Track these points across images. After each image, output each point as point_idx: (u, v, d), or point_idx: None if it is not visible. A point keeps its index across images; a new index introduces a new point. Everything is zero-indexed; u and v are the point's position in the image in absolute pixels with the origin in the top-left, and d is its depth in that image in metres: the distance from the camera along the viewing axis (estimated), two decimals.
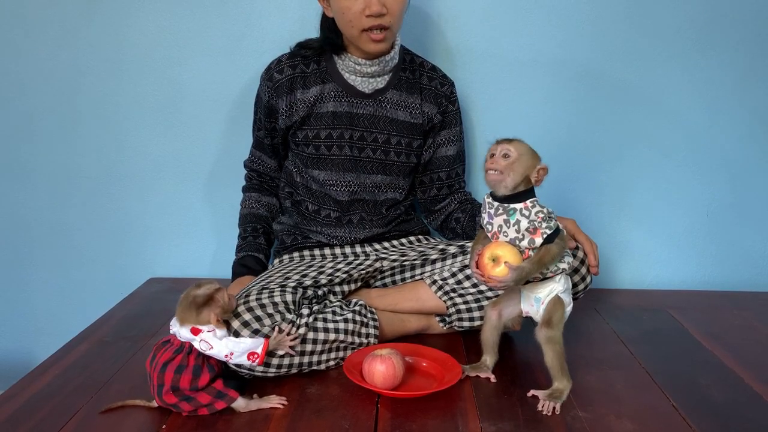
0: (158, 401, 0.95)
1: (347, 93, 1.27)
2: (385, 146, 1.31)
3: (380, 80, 1.29)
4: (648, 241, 1.58)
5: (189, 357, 0.95)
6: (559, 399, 0.97)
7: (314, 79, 1.27)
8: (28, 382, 1.07)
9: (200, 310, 0.95)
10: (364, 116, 1.29)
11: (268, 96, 1.29)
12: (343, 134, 1.28)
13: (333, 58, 1.27)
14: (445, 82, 1.35)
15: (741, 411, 0.98)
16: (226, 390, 0.96)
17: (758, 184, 1.55)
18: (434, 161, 1.37)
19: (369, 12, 1.14)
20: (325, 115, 1.27)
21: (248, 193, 1.42)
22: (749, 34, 1.46)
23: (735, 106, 1.50)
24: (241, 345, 0.97)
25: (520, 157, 0.95)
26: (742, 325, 1.33)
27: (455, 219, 1.38)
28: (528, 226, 0.94)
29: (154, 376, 0.94)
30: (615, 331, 1.29)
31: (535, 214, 0.94)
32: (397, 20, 1.19)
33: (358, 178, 1.31)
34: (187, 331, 0.94)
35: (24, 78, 1.54)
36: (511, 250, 0.94)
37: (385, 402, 0.99)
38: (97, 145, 1.57)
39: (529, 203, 0.95)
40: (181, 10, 1.49)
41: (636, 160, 1.54)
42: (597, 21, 1.46)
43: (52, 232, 1.62)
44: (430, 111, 1.33)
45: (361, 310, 1.15)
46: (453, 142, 1.37)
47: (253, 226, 1.37)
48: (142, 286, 1.57)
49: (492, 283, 0.95)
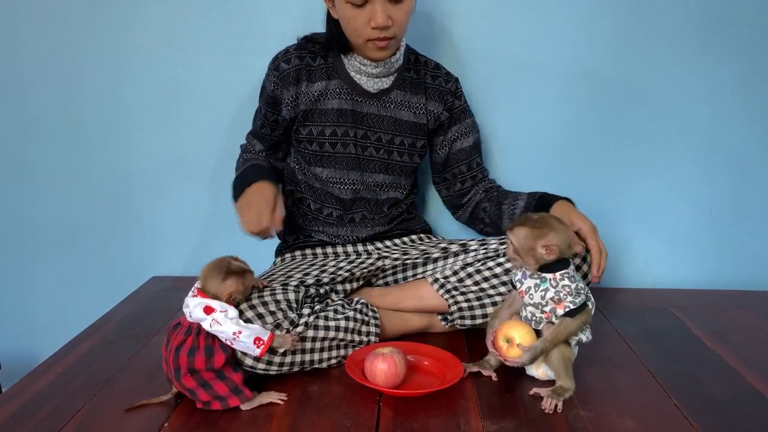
0: (177, 386, 0.96)
1: (352, 91, 1.27)
2: (389, 146, 1.30)
3: (385, 81, 1.28)
4: (651, 240, 1.58)
5: (199, 338, 0.95)
6: (561, 396, 0.97)
7: (320, 73, 1.26)
8: (31, 380, 1.07)
9: (227, 276, 0.97)
10: (369, 115, 1.28)
11: (273, 86, 1.27)
12: (347, 132, 1.28)
13: (339, 55, 1.26)
14: (449, 79, 1.34)
15: (744, 410, 0.98)
16: (243, 387, 0.96)
17: (762, 182, 1.54)
18: (452, 157, 1.36)
19: (374, 24, 1.13)
20: (330, 112, 1.27)
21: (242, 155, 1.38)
22: (754, 33, 1.46)
23: (738, 105, 1.50)
24: (250, 328, 0.97)
25: (520, 245, 0.97)
26: (745, 324, 1.33)
27: (483, 209, 1.36)
28: (554, 296, 0.97)
29: (170, 360, 0.95)
30: (617, 329, 1.29)
31: (561, 287, 0.97)
32: (402, 30, 1.18)
33: (361, 176, 1.31)
34: (200, 311, 0.94)
35: (27, 78, 1.54)
36: (523, 330, 0.98)
37: (387, 400, 0.99)
38: (100, 145, 1.57)
39: (559, 276, 0.97)
40: (184, 10, 1.49)
41: (639, 158, 1.53)
42: (600, 20, 1.46)
43: (55, 230, 1.62)
44: (436, 109, 1.32)
45: (363, 309, 1.15)
46: (467, 134, 1.35)
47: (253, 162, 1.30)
48: (144, 284, 1.57)
49: (509, 363, 1.00)
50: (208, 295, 0.97)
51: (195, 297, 0.97)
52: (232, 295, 0.97)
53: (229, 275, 0.97)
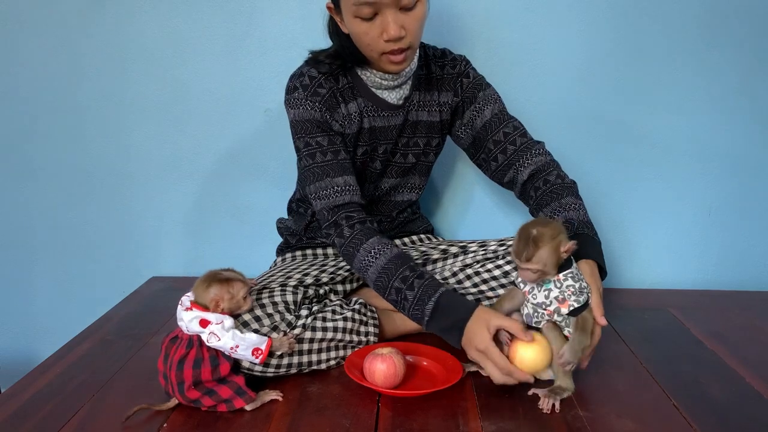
0: (179, 398, 0.95)
1: (379, 108, 1.19)
2: (404, 149, 1.26)
3: (406, 87, 1.21)
4: (650, 241, 1.58)
5: (202, 349, 0.95)
6: (559, 395, 0.97)
7: (348, 94, 1.17)
8: (31, 381, 1.07)
9: (211, 284, 0.96)
10: (396, 127, 1.22)
11: (320, 112, 1.13)
12: (377, 148, 1.22)
13: (356, 72, 1.18)
14: (456, 63, 1.25)
15: (742, 410, 0.98)
16: (246, 388, 0.96)
17: (761, 182, 1.54)
18: (478, 137, 1.23)
19: (387, 37, 1.04)
20: (364, 132, 1.19)
21: (367, 241, 1.08)
22: (754, 31, 1.46)
23: (738, 104, 1.50)
24: (247, 340, 0.97)
25: (547, 262, 0.94)
26: (744, 325, 1.33)
27: (530, 197, 1.20)
28: (558, 296, 0.96)
29: (172, 375, 0.94)
30: (616, 330, 1.29)
31: (566, 287, 0.96)
32: (417, 39, 1.09)
33: (379, 183, 1.28)
34: (196, 324, 0.94)
35: (27, 78, 1.54)
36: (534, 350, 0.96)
37: (386, 401, 0.99)
38: (99, 145, 1.57)
39: (562, 276, 0.97)
40: (184, 11, 1.49)
41: (638, 158, 1.53)
42: (600, 18, 1.46)
43: (54, 230, 1.62)
44: (448, 99, 1.25)
45: (361, 309, 1.15)
46: (484, 107, 1.22)
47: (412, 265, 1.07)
48: (143, 284, 1.57)
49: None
50: (201, 306, 0.97)
51: (189, 310, 0.96)
52: (218, 304, 0.97)
53: (213, 283, 0.97)
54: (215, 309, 0.96)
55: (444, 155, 1.51)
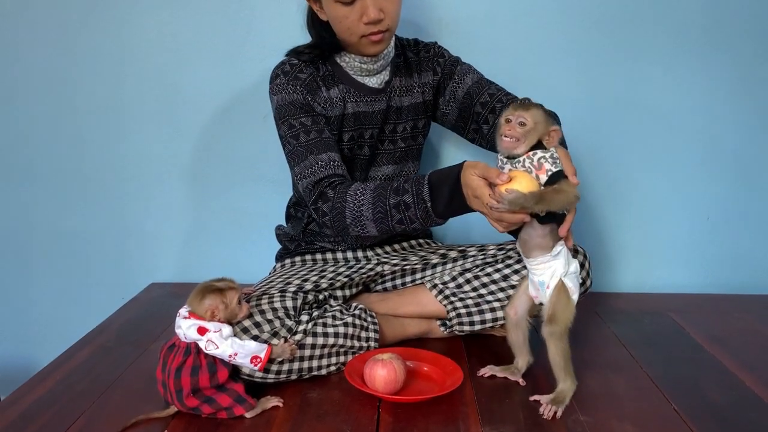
0: (178, 406, 0.95)
1: (361, 93, 1.23)
2: (392, 135, 1.28)
3: (385, 73, 1.26)
4: (649, 244, 1.58)
5: (200, 357, 0.95)
6: (561, 403, 0.97)
7: (328, 81, 1.22)
8: (30, 387, 1.07)
9: (205, 295, 0.96)
10: (380, 111, 1.25)
11: (302, 96, 1.18)
12: (363, 134, 1.25)
13: (335, 60, 1.23)
14: (429, 47, 1.30)
15: (743, 414, 0.98)
16: (245, 395, 0.96)
17: (760, 185, 1.54)
18: (463, 106, 1.27)
19: (367, 19, 1.10)
20: (348, 117, 1.23)
21: (349, 188, 1.09)
22: (753, 35, 1.46)
23: (737, 107, 1.50)
24: (246, 347, 0.97)
25: (536, 126, 0.94)
26: (744, 328, 1.33)
27: None
28: (534, 163, 0.94)
29: (170, 383, 0.94)
30: (616, 334, 1.29)
31: (538, 159, 0.94)
32: (394, 21, 1.16)
33: (370, 172, 1.29)
34: (194, 331, 0.94)
35: (26, 82, 1.54)
36: (526, 180, 0.92)
37: (387, 406, 0.99)
38: (98, 150, 1.57)
39: (531, 153, 0.94)
40: (183, 16, 1.49)
41: (636, 161, 1.53)
42: (599, 21, 1.46)
43: (53, 236, 1.62)
44: (428, 79, 1.29)
45: (361, 314, 1.15)
46: (463, 77, 1.27)
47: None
48: (143, 290, 1.57)
49: (503, 204, 0.91)
50: (198, 317, 0.97)
51: (187, 319, 0.96)
52: (213, 313, 0.96)
53: (207, 294, 0.97)
54: (212, 319, 0.96)
55: (444, 158, 1.51)
